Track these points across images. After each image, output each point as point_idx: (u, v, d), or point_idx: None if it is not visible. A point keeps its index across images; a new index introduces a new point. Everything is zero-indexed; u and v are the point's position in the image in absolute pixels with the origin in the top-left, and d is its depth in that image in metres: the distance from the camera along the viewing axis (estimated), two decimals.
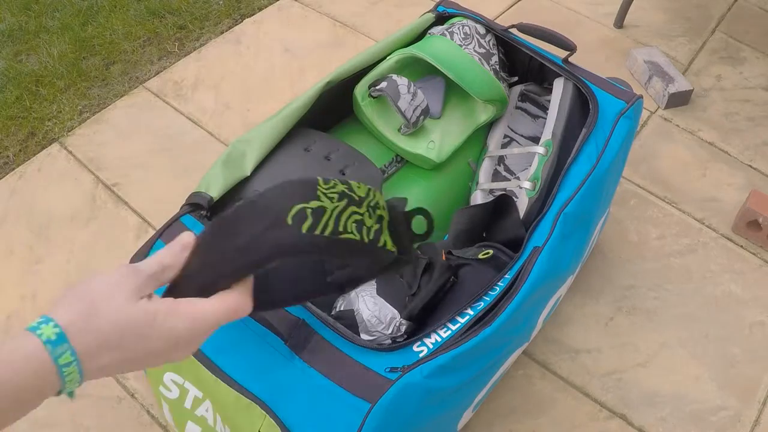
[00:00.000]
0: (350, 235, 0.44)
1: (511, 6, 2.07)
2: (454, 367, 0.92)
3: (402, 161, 1.21)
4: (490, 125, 1.32)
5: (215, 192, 1.01)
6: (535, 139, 1.32)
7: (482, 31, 1.30)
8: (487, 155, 1.27)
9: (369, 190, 0.48)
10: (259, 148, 1.08)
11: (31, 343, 0.40)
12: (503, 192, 1.19)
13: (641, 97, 1.25)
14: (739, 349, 1.36)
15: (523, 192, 1.15)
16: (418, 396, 0.89)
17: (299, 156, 1.10)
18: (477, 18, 1.32)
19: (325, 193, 0.44)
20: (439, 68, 1.21)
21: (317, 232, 0.43)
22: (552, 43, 1.26)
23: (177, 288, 0.46)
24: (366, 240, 0.45)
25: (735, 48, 2.01)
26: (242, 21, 1.98)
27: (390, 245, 0.47)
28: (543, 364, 1.30)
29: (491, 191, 1.23)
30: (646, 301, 1.42)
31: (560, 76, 1.26)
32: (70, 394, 0.42)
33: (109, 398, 1.19)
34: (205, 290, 0.44)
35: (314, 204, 0.43)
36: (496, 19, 1.99)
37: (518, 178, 1.27)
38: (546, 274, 1.02)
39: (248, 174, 1.06)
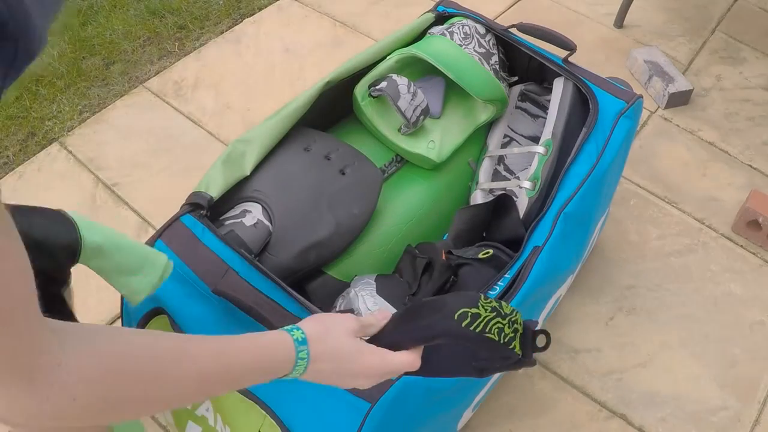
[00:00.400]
0: (492, 336, 0.65)
1: (511, 6, 2.07)
2: None
3: (402, 161, 1.21)
4: (490, 125, 1.32)
5: (215, 191, 1.01)
6: (535, 139, 1.32)
7: (482, 30, 1.30)
8: (487, 155, 1.27)
9: (513, 310, 0.68)
10: (258, 148, 1.08)
11: (287, 338, 0.61)
12: (503, 192, 1.19)
13: (641, 96, 1.25)
14: (739, 349, 1.36)
15: (523, 192, 1.15)
16: (419, 395, 0.89)
17: (299, 156, 1.10)
18: (477, 18, 1.32)
19: (483, 305, 0.66)
20: (439, 68, 1.21)
21: (471, 328, 0.65)
22: (552, 43, 1.26)
23: (375, 341, 0.67)
24: (502, 342, 0.66)
25: (735, 48, 2.01)
26: (242, 21, 1.98)
27: (518, 349, 0.67)
28: (543, 364, 1.30)
29: (491, 191, 1.23)
30: (646, 301, 1.42)
31: (560, 75, 1.26)
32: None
33: None
34: (393, 347, 0.67)
35: (474, 310, 0.65)
36: (496, 19, 1.99)
37: (518, 178, 1.27)
38: (546, 273, 1.02)
39: (248, 173, 1.06)
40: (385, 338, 0.68)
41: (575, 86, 1.24)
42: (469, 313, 0.65)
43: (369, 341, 0.67)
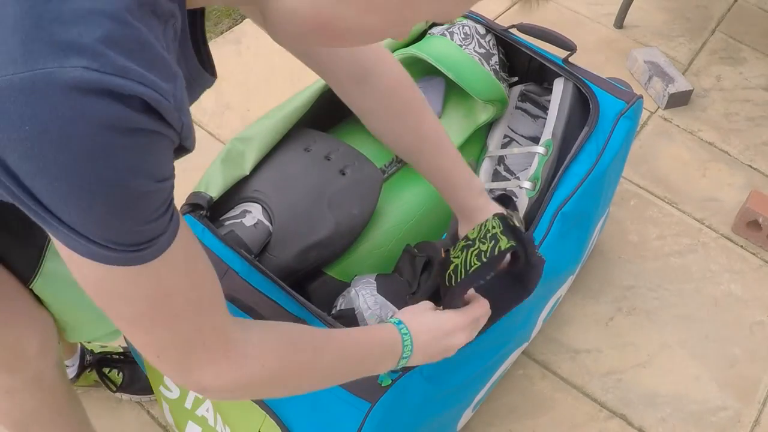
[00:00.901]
0: (476, 265, 0.74)
1: (511, 6, 2.07)
2: (454, 367, 0.92)
3: (402, 161, 1.21)
4: (490, 125, 1.32)
5: (215, 191, 1.01)
6: (535, 139, 1.32)
7: (482, 31, 1.30)
8: (487, 155, 1.27)
9: (481, 226, 0.76)
10: (258, 147, 1.08)
11: (389, 325, 0.75)
12: (503, 192, 1.19)
13: (641, 97, 1.25)
14: (739, 349, 1.36)
15: (523, 192, 1.15)
16: (418, 396, 0.89)
17: (299, 156, 1.10)
18: (477, 18, 1.32)
19: (454, 255, 0.77)
20: (439, 68, 1.21)
21: (459, 279, 0.76)
22: (552, 43, 1.26)
23: (448, 307, 0.80)
24: (485, 260, 0.74)
25: (735, 48, 2.01)
26: (242, 21, 1.98)
27: (505, 244, 0.73)
28: (543, 364, 1.30)
29: (491, 191, 1.23)
30: (646, 301, 1.42)
31: (560, 76, 1.26)
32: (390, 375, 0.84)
33: (110, 398, 1.19)
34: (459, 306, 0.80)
35: (451, 267, 0.77)
36: (496, 19, 1.99)
37: (518, 178, 1.27)
38: (544, 273, 1.02)
39: (247, 173, 1.06)
40: (449, 304, 0.79)
41: (575, 86, 1.24)
42: (450, 273, 0.77)
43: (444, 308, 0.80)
